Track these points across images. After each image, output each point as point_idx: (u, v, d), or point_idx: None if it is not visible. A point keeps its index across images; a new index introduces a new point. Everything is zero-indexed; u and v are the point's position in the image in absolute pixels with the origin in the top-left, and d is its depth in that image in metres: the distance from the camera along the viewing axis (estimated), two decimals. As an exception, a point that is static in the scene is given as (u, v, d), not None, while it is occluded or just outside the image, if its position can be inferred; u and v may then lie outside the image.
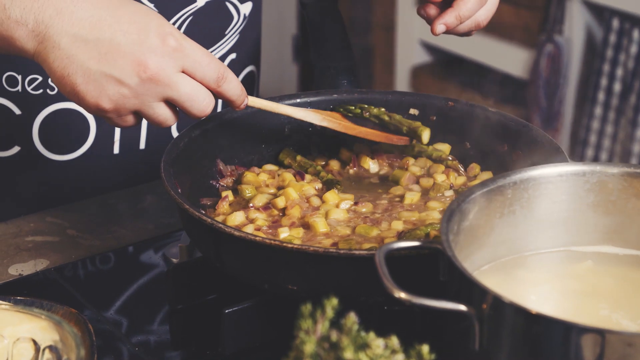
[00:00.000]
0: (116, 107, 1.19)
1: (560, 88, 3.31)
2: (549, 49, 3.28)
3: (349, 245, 1.26)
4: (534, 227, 1.17)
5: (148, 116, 1.22)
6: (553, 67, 3.29)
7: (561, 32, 3.27)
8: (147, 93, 1.19)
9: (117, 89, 1.18)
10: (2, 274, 1.38)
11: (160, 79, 1.18)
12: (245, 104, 1.28)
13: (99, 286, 1.37)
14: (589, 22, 3.29)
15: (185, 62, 1.19)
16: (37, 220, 1.50)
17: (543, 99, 3.33)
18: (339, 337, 0.87)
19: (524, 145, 1.38)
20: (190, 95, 1.20)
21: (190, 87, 1.20)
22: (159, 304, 1.33)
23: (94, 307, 1.32)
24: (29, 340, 1.12)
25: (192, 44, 1.20)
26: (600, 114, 3.26)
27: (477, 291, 1.00)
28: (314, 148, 1.50)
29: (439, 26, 1.38)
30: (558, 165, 1.17)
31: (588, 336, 0.95)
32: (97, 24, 1.17)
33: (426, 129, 1.43)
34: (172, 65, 1.18)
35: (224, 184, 1.42)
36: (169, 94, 1.19)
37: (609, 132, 3.24)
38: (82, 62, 1.17)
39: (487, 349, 1.01)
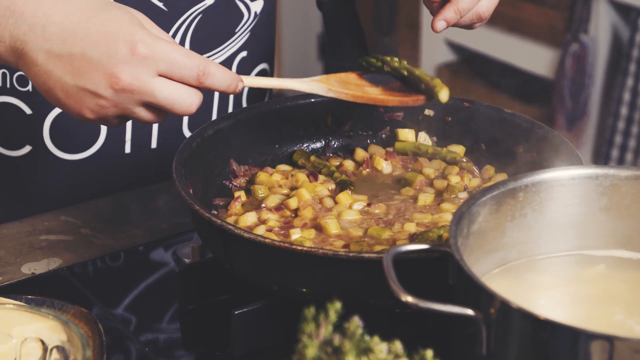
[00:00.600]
0: (98, 116, 1.19)
1: (585, 88, 3.29)
2: (575, 48, 3.25)
3: (360, 247, 1.25)
4: (546, 231, 1.16)
5: (133, 119, 1.21)
6: (578, 66, 3.27)
7: (587, 31, 3.24)
8: (125, 102, 1.18)
9: (95, 101, 1.17)
10: (15, 273, 1.38)
11: (134, 88, 1.17)
12: (240, 88, 1.25)
13: (110, 285, 1.37)
14: (615, 21, 3.26)
15: (160, 66, 1.17)
16: (51, 219, 1.50)
17: (568, 98, 3.30)
18: (341, 342, 0.87)
19: (539, 147, 1.37)
20: (169, 98, 1.19)
21: (169, 91, 1.18)
22: (170, 304, 1.33)
23: (105, 307, 1.32)
24: (36, 340, 1.12)
25: (166, 46, 1.18)
26: (626, 114, 3.23)
27: (485, 296, 0.99)
28: (328, 148, 1.49)
29: (439, 22, 1.37)
30: (570, 168, 1.16)
31: (596, 342, 0.94)
32: (69, 39, 1.17)
33: (444, 88, 1.35)
34: (145, 72, 1.17)
35: (237, 184, 1.41)
36: (147, 99, 1.18)
37: (635, 132, 3.21)
38: (59, 77, 1.17)
39: (494, 354, 0.99)
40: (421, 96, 1.36)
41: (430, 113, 1.47)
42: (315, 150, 1.48)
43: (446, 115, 1.47)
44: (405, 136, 1.48)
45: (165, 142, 1.61)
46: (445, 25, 1.37)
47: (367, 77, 1.38)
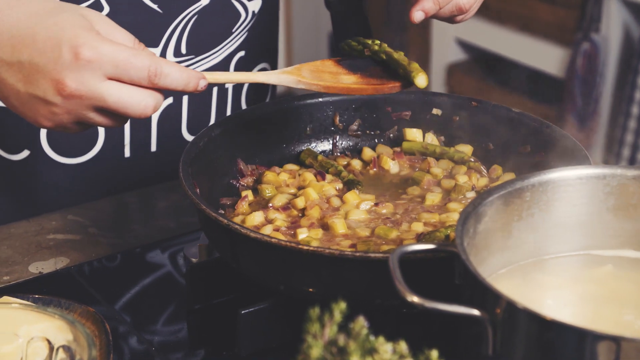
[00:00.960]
0: (55, 123, 1.18)
1: (596, 87, 3.28)
2: (586, 47, 3.24)
3: (367, 247, 1.25)
4: (553, 231, 1.16)
5: (91, 124, 1.19)
6: (589, 65, 3.26)
7: (598, 30, 3.23)
8: (76, 108, 1.16)
9: (47, 108, 1.16)
10: (23, 272, 1.38)
11: (81, 94, 1.14)
12: (203, 86, 1.21)
13: (117, 285, 1.37)
14: (626, 20, 3.25)
15: (107, 69, 1.14)
16: (58, 219, 1.50)
17: (579, 97, 3.30)
18: (346, 342, 0.86)
19: (547, 146, 1.36)
20: (121, 102, 1.16)
21: (119, 94, 1.16)
22: (177, 303, 1.33)
23: (112, 306, 1.32)
24: (43, 339, 1.11)
25: (113, 47, 1.14)
26: (637, 113, 3.22)
27: (491, 296, 0.99)
28: (336, 148, 1.49)
29: (417, 13, 1.35)
30: (578, 168, 1.15)
31: (603, 343, 0.93)
32: (18, 46, 1.15)
33: (422, 72, 1.29)
34: (92, 76, 1.14)
35: (244, 183, 1.41)
36: (97, 104, 1.16)
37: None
38: (12, 85, 1.16)
39: (500, 355, 0.99)
40: (397, 83, 1.31)
41: (438, 112, 1.47)
42: (322, 150, 1.48)
43: (454, 115, 1.46)
44: (413, 136, 1.47)
45: (165, 145, 1.61)
46: (423, 16, 1.36)
47: (345, 64, 1.33)
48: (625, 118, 3.23)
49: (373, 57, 1.33)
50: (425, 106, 1.47)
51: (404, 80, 1.30)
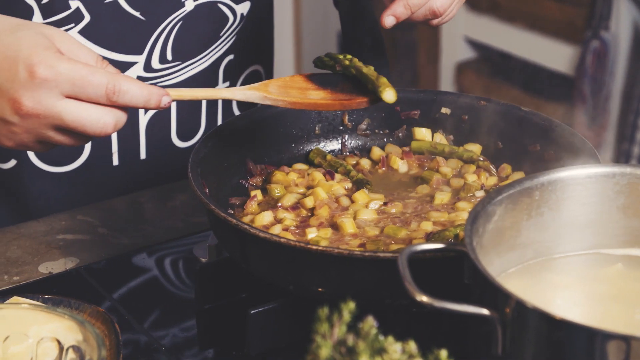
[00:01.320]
0: (16, 143, 1.17)
1: (606, 85, 3.27)
2: (595, 45, 3.23)
3: (376, 247, 1.25)
4: (562, 230, 1.15)
5: (53, 143, 1.18)
6: (599, 63, 3.25)
7: (607, 28, 3.22)
8: (35, 127, 1.15)
9: (6, 128, 1.15)
10: (33, 272, 1.38)
11: (39, 112, 1.14)
12: (166, 103, 1.19)
13: (126, 285, 1.37)
14: (636, 18, 3.24)
15: (64, 87, 1.13)
16: (68, 219, 1.50)
17: (589, 95, 3.29)
18: (355, 342, 0.86)
19: (556, 145, 1.36)
20: (79, 120, 1.15)
21: (77, 113, 1.14)
22: (186, 303, 1.33)
23: (121, 306, 1.32)
24: (53, 339, 1.12)
25: (69, 65, 1.13)
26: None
27: (500, 295, 0.98)
28: (345, 147, 1.49)
29: (388, 18, 1.34)
30: (587, 167, 1.15)
31: (613, 342, 0.93)
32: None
33: (389, 88, 1.27)
34: (48, 95, 1.13)
35: (254, 183, 1.41)
36: (55, 123, 1.15)
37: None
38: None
39: (510, 354, 0.99)
40: (364, 98, 1.29)
41: (446, 111, 1.47)
42: (331, 149, 1.48)
43: (463, 114, 1.46)
44: (422, 135, 1.47)
45: (155, 152, 1.59)
46: (394, 21, 1.34)
47: (315, 80, 1.32)
48: (635, 116, 3.22)
49: (344, 72, 1.31)
50: (434, 105, 1.47)
51: (373, 95, 1.28)
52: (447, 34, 3.74)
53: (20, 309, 1.17)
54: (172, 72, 1.57)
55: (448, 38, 3.75)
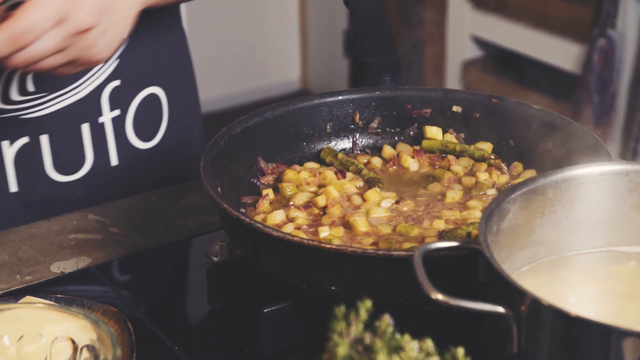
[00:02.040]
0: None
1: (613, 83, 3.27)
2: (602, 43, 3.23)
3: (389, 245, 1.25)
4: (576, 228, 1.15)
5: None
6: (606, 61, 3.25)
7: (614, 26, 3.22)
8: None
9: None
10: (45, 272, 1.39)
11: None
12: None
13: (139, 284, 1.38)
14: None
15: None
16: (79, 218, 1.50)
17: (595, 94, 3.29)
18: (372, 340, 0.86)
19: (568, 143, 1.36)
20: None
21: None
22: (199, 302, 1.33)
23: (134, 305, 1.32)
24: (67, 339, 1.12)
25: None
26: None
27: (516, 293, 0.98)
28: (356, 146, 1.49)
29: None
30: (600, 165, 1.15)
31: (629, 340, 0.93)
32: None
33: None
34: None
35: (265, 182, 1.41)
36: None
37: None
38: None
39: (525, 352, 0.99)
40: None
41: (458, 109, 1.47)
42: (342, 148, 1.48)
43: (474, 112, 1.46)
44: (433, 134, 1.47)
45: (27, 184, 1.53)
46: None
47: None
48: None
49: None
50: (445, 103, 1.47)
51: None
52: (453, 33, 3.75)
53: (33, 309, 1.17)
54: (37, 104, 1.49)
55: (454, 36, 3.75)
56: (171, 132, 1.65)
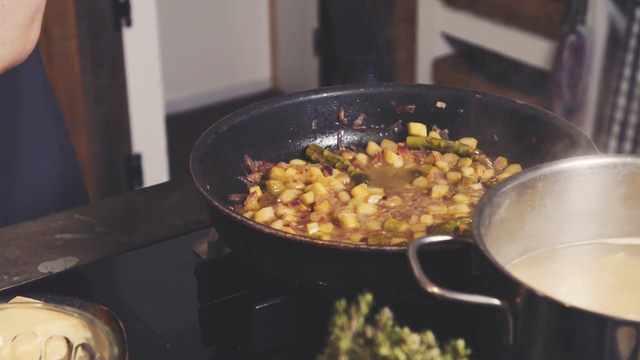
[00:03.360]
0: None
1: (583, 79, 3.30)
2: (572, 39, 3.26)
3: (378, 241, 1.26)
4: (565, 220, 1.17)
5: None
6: (576, 57, 3.28)
7: (584, 22, 3.25)
8: None
9: None
10: (32, 272, 1.38)
11: None
12: None
13: (128, 283, 1.38)
14: (612, 12, 3.28)
15: None
16: (65, 218, 1.50)
17: (566, 89, 3.32)
18: (374, 333, 0.87)
19: (553, 137, 1.37)
20: None
21: None
22: (189, 301, 1.33)
23: (124, 304, 1.32)
24: (61, 338, 1.12)
25: None
26: (624, 104, 3.24)
27: (511, 285, 1.00)
28: (341, 143, 1.49)
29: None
30: (588, 158, 1.17)
31: (623, 329, 0.95)
32: None
33: None
34: None
35: (252, 179, 1.42)
36: None
37: (633, 122, 3.22)
38: None
39: (521, 343, 1.00)
40: None
41: (442, 105, 1.48)
42: (327, 145, 1.49)
43: (458, 108, 1.47)
44: (417, 130, 1.48)
45: None
46: None
47: None
48: (612, 109, 3.25)
49: None
50: (429, 99, 1.48)
51: None
52: (424, 30, 3.77)
53: (26, 308, 1.17)
54: None
55: (425, 34, 3.77)
56: None
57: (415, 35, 3.80)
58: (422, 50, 3.77)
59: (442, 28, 3.69)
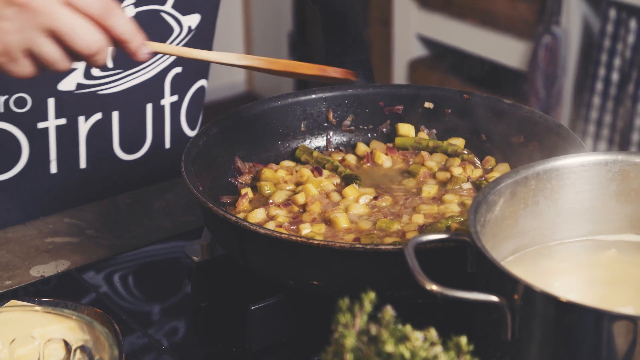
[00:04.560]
0: (3, 47, 1.16)
1: (558, 79, 3.32)
2: (547, 40, 3.28)
3: (371, 240, 1.27)
4: (558, 217, 1.18)
5: (38, 55, 1.17)
6: (551, 58, 3.30)
7: (558, 23, 3.27)
8: (28, 25, 1.15)
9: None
10: (25, 276, 1.38)
11: (35, 5, 1.14)
12: (147, 52, 1.22)
13: (121, 286, 1.38)
14: (586, 12, 3.30)
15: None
16: (55, 222, 1.50)
17: (542, 90, 3.34)
18: (378, 331, 0.88)
19: (540, 136, 1.39)
20: (73, 26, 1.15)
21: (72, 18, 1.15)
22: (182, 302, 1.34)
23: (118, 307, 1.32)
24: (59, 340, 1.12)
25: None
26: (599, 103, 3.27)
27: (508, 281, 1.01)
28: (330, 144, 1.50)
29: None
30: (580, 156, 1.18)
31: (620, 323, 0.96)
32: None
33: None
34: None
35: (243, 181, 1.42)
36: (49, 23, 1.15)
37: (608, 121, 3.25)
38: None
39: (519, 339, 1.01)
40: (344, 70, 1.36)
41: (430, 106, 1.49)
42: (317, 146, 1.50)
43: (446, 108, 1.48)
44: (406, 131, 1.49)
45: (95, 162, 1.59)
46: None
47: None
48: (587, 109, 3.28)
49: None
50: (417, 100, 1.49)
51: None
52: (399, 32, 3.78)
53: (23, 312, 1.17)
54: (113, 80, 1.55)
55: (401, 36, 3.78)
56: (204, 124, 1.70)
57: (390, 37, 3.81)
58: (398, 52, 3.78)
59: (417, 30, 3.71)
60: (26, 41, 1.16)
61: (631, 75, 3.17)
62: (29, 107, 1.51)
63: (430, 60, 3.77)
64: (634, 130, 3.18)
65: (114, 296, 1.35)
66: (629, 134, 3.18)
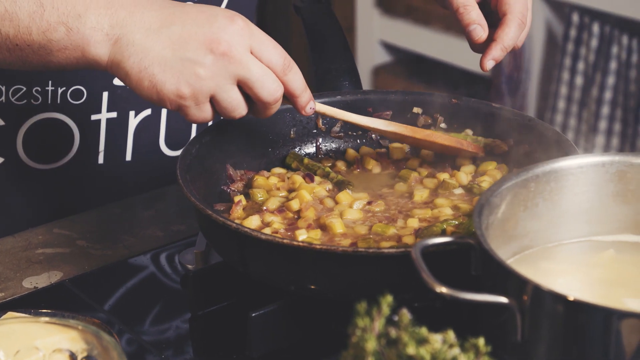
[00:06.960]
0: (194, 91, 1.21)
1: (523, 83, 3.35)
2: (511, 45, 3.31)
3: (368, 244, 1.27)
4: (557, 219, 1.20)
5: (223, 101, 1.23)
6: (515, 63, 3.33)
7: (522, 28, 3.30)
8: (222, 73, 1.21)
9: (193, 71, 1.21)
10: (17, 288, 1.37)
11: (232, 54, 1.21)
12: (313, 108, 1.31)
13: (115, 296, 1.37)
14: (548, 17, 3.34)
15: (254, 42, 1.22)
16: (45, 233, 1.49)
17: (506, 94, 3.37)
18: (398, 334, 0.89)
19: (530, 139, 1.40)
20: (261, 76, 1.23)
21: (260, 68, 1.23)
22: (179, 311, 1.34)
23: (115, 318, 1.32)
24: (64, 351, 1.11)
25: (258, 28, 1.24)
26: (564, 107, 3.30)
27: (517, 282, 1.02)
28: (319, 150, 1.51)
29: (489, 62, 1.40)
30: (578, 157, 1.20)
31: (628, 321, 0.98)
32: (168, 18, 1.22)
33: None
34: (242, 43, 1.21)
35: (235, 188, 1.42)
36: (242, 73, 1.22)
37: (572, 125, 3.29)
38: (157, 52, 1.21)
39: (529, 340, 1.02)
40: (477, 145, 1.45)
41: (418, 111, 1.50)
42: (307, 153, 1.50)
43: (435, 112, 1.49)
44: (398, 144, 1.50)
45: (141, 156, 1.62)
46: (494, 64, 1.41)
47: None
48: (552, 113, 3.32)
49: None
50: (405, 105, 1.50)
51: None
52: (362, 39, 3.79)
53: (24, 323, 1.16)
54: None
55: (364, 42, 3.79)
56: None
57: (354, 43, 3.82)
58: (362, 58, 3.80)
59: (380, 36, 3.72)
60: (216, 87, 1.22)
61: (594, 79, 3.21)
62: (84, 99, 1.54)
63: (394, 66, 3.79)
64: (598, 133, 3.22)
65: (109, 306, 1.34)
66: (593, 138, 3.22)
